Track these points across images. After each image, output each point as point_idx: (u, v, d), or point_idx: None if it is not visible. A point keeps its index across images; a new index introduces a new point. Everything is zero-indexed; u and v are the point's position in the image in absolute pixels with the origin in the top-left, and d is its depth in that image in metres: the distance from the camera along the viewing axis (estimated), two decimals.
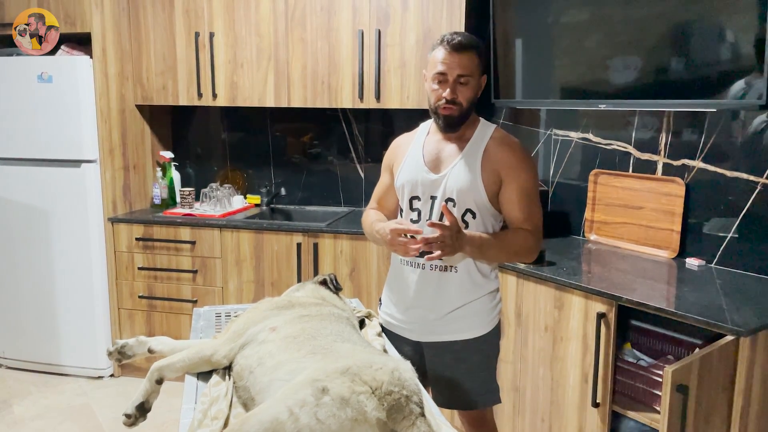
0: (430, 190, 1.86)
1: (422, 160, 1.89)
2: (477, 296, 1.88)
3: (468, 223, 1.83)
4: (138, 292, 3.47)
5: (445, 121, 1.83)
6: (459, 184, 1.82)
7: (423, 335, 1.93)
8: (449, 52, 1.76)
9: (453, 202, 1.83)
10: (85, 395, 3.35)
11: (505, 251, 1.84)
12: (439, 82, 1.79)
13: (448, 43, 1.76)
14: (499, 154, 1.82)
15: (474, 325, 1.90)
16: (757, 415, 1.94)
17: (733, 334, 1.85)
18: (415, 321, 1.93)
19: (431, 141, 1.91)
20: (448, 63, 1.76)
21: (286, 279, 3.26)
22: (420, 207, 1.88)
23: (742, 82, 2.22)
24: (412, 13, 3.14)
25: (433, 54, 1.81)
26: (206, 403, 1.40)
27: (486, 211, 1.84)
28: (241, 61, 3.38)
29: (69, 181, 3.40)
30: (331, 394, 1.16)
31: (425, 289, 1.89)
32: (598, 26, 2.64)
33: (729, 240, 2.44)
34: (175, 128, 3.98)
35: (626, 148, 2.76)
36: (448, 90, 1.78)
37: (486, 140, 1.85)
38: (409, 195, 1.90)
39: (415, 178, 1.88)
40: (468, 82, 1.78)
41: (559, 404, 2.39)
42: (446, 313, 1.88)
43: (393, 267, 2.01)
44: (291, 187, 3.83)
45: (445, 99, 1.78)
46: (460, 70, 1.77)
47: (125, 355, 1.74)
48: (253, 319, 1.59)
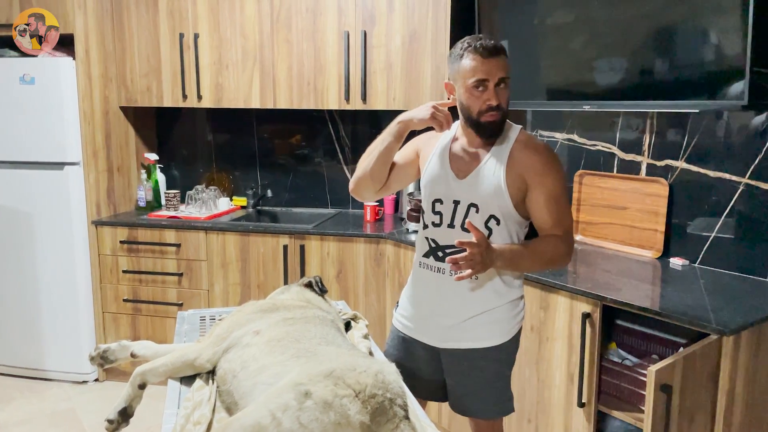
0: (454, 195, 1.81)
1: (448, 162, 1.84)
2: (498, 304, 1.83)
3: (491, 230, 1.78)
4: (123, 295, 3.44)
5: (490, 128, 1.76)
6: (483, 189, 1.77)
7: (440, 341, 1.88)
8: (486, 57, 1.69)
9: (476, 207, 1.78)
10: (70, 400, 3.32)
11: (538, 260, 1.77)
12: (475, 88, 1.72)
13: (483, 48, 1.69)
14: (525, 158, 1.76)
15: (493, 333, 1.84)
16: (741, 414, 1.96)
17: (717, 333, 1.86)
18: (432, 326, 1.89)
19: (457, 145, 1.86)
20: (487, 68, 1.69)
21: (272, 281, 3.25)
22: (442, 210, 1.84)
23: (724, 83, 2.24)
24: (398, 14, 3.14)
25: (462, 62, 1.72)
26: (189, 408, 1.39)
27: (510, 217, 1.78)
28: (226, 62, 3.36)
29: (52, 183, 3.36)
30: (314, 398, 1.15)
31: (445, 295, 1.84)
32: (583, 28, 2.65)
33: (712, 240, 2.46)
34: (160, 130, 3.95)
35: (611, 149, 2.78)
36: (493, 96, 1.71)
37: (511, 144, 1.79)
38: (432, 197, 1.86)
39: (438, 179, 1.84)
40: (508, 85, 1.74)
41: (545, 405, 2.40)
42: (465, 319, 1.83)
43: (414, 271, 1.97)
44: (277, 188, 3.81)
45: (489, 105, 1.72)
46: (501, 73, 1.71)
47: (108, 360, 1.72)
48: (237, 322, 1.58)
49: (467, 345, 1.85)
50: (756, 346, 1.95)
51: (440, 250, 1.84)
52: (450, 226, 1.82)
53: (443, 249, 1.83)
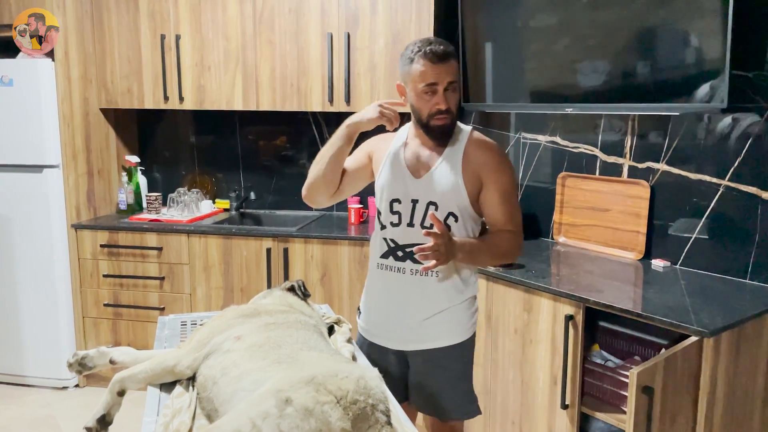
0: (412, 194, 1.84)
1: (403, 163, 1.87)
2: (458, 301, 1.87)
3: (450, 227, 1.82)
4: (103, 300, 3.40)
5: (440, 131, 1.80)
6: (441, 187, 1.81)
7: (405, 344, 1.90)
8: (435, 63, 1.73)
9: (435, 205, 1.81)
10: (49, 406, 3.27)
11: (493, 254, 1.84)
12: (425, 92, 1.76)
13: (431, 53, 1.72)
14: (479, 156, 1.82)
15: (453, 331, 1.88)
16: (722, 415, 1.97)
17: (697, 335, 1.87)
18: (395, 329, 1.90)
19: (411, 146, 1.89)
20: (436, 74, 1.73)
21: (255, 285, 3.22)
22: (401, 210, 1.86)
23: (705, 86, 2.26)
24: (381, 16, 3.13)
25: (413, 67, 1.75)
26: (168, 416, 1.37)
27: (467, 214, 1.83)
28: (209, 63, 3.33)
29: (31, 186, 3.31)
30: (294, 405, 1.14)
31: (406, 294, 1.86)
32: (566, 30, 2.66)
33: (693, 241, 2.48)
34: (141, 132, 3.91)
35: (593, 151, 2.79)
36: (442, 100, 1.75)
37: (464, 142, 1.84)
38: (390, 197, 1.87)
39: (395, 179, 1.86)
40: (456, 89, 1.78)
41: (529, 407, 2.40)
42: (426, 317, 1.85)
43: (371, 274, 1.98)
44: (261, 191, 3.79)
45: (439, 110, 1.76)
46: (450, 77, 1.75)
47: (86, 367, 1.69)
48: (218, 327, 1.56)
49: (430, 345, 1.88)
50: (736, 348, 1.96)
51: (400, 250, 1.86)
52: (409, 225, 1.84)
53: (403, 248, 1.85)
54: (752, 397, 2.07)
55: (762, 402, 2.11)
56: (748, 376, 2.03)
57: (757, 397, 2.09)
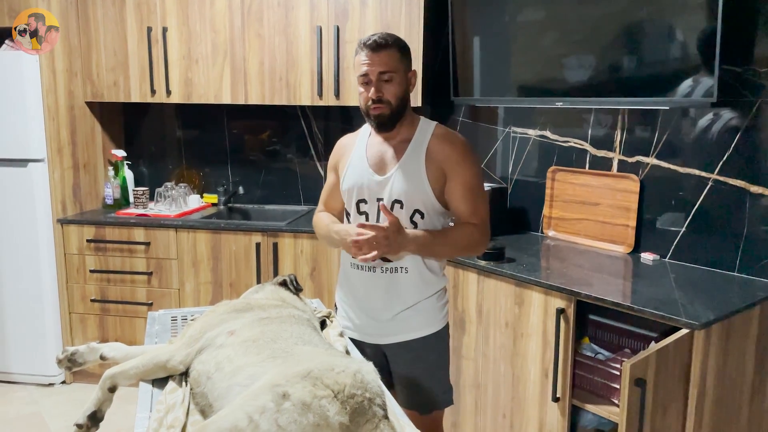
0: (377, 193, 1.85)
1: (366, 162, 1.88)
2: (427, 295, 1.90)
3: (417, 224, 1.83)
4: (90, 295, 3.36)
5: (376, 121, 1.82)
6: (405, 185, 1.81)
7: (381, 338, 1.93)
8: (368, 53, 1.77)
9: (400, 203, 1.82)
10: (36, 403, 3.23)
11: (452, 246, 1.86)
12: (364, 83, 1.80)
13: (366, 45, 1.78)
14: (442, 151, 1.82)
15: (427, 322, 1.91)
16: (712, 406, 1.99)
17: (688, 327, 1.89)
18: (370, 324, 1.93)
19: (374, 143, 1.90)
20: (368, 63, 1.77)
21: (245, 280, 3.20)
22: (367, 210, 1.87)
23: (695, 81, 2.27)
24: (371, 9, 3.11)
25: (355, 59, 1.81)
26: (162, 411, 1.35)
27: (434, 210, 1.84)
28: (196, 57, 3.30)
29: (15, 181, 3.26)
30: (292, 400, 1.13)
31: (376, 291, 1.89)
32: (554, 25, 2.66)
33: (682, 234, 2.50)
34: (127, 126, 3.86)
35: (582, 146, 2.80)
36: (372, 89, 1.78)
37: (428, 138, 1.85)
38: (356, 198, 1.89)
39: (360, 180, 1.87)
40: (392, 79, 1.78)
41: (520, 400, 2.41)
42: (399, 311, 1.88)
43: (343, 271, 2.00)
44: (249, 185, 3.76)
45: (372, 99, 1.78)
46: (381, 67, 1.77)
47: (76, 363, 1.66)
48: (211, 322, 1.55)
49: (406, 337, 1.90)
50: (725, 340, 1.98)
51: None
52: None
53: None
54: (741, 388, 2.10)
55: (750, 393, 2.14)
56: (736, 368, 2.05)
57: (746, 388, 2.12)
